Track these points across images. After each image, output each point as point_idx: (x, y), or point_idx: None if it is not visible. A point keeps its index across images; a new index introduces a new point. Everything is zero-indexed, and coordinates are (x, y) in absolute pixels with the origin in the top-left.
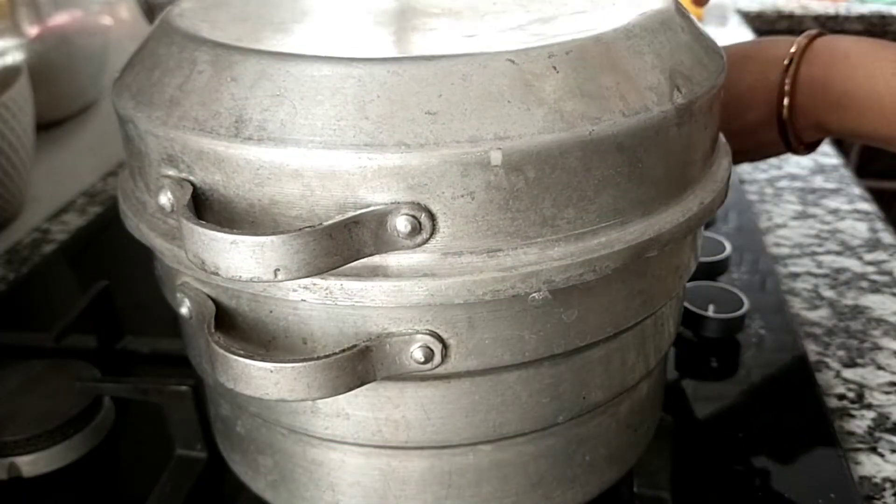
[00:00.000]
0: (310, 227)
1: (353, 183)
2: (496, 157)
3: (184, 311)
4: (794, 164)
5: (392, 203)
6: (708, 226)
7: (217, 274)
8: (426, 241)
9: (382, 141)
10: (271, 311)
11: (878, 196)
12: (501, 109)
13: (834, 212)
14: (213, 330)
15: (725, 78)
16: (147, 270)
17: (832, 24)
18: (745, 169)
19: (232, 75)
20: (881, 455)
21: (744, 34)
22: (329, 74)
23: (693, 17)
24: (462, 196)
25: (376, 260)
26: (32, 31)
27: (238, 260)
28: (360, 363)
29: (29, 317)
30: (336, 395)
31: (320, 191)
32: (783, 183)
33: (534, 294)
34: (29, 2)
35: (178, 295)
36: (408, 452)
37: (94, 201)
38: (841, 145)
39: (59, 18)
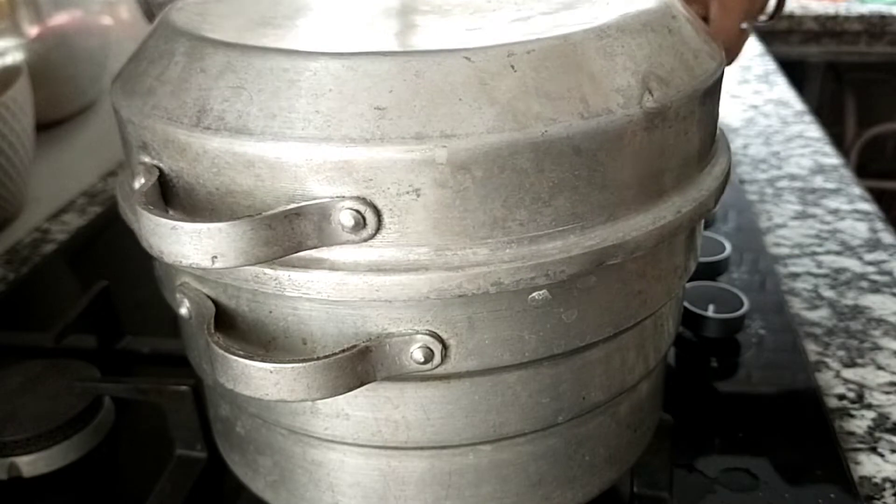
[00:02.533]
0: (249, 216)
1: (300, 175)
2: (441, 155)
3: (183, 311)
4: (794, 164)
5: (337, 197)
6: (708, 226)
7: (162, 258)
8: (372, 237)
9: (330, 135)
10: (271, 312)
11: (878, 196)
12: (452, 107)
13: (834, 212)
14: (212, 330)
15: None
16: (147, 271)
17: (832, 24)
18: (744, 169)
19: (202, 66)
20: (881, 455)
21: None
22: (287, 68)
23: (693, 15)
24: (407, 193)
25: (324, 253)
26: (32, 31)
27: (178, 245)
28: (359, 363)
29: (29, 317)
30: (336, 395)
31: (270, 182)
32: (783, 183)
33: (534, 294)
34: (29, 2)
35: (178, 295)
36: (407, 453)
37: (94, 201)
38: (841, 146)
39: (59, 18)
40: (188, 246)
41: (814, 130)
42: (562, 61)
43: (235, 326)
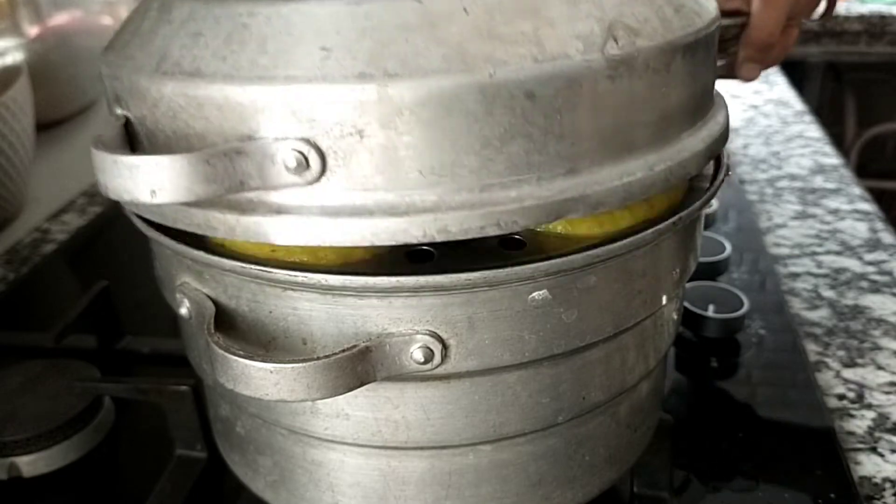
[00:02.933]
0: (189, 153)
1: (246, 116)
2: (384, 95)
3: (183, 311)
4: (794, 164)
5: (280, 137)
6: (708, 226)
7: (108, 193)
8: (316, 179)
9: (275, 75)
10: (271, 312)
11: (877, 196)
12: (398, 48)
13: (834, 212)
14: (212, 330)
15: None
16: (147, 271)
17: (832, 24)
18: (744, 169)
19: (169, 18)
20: (881, 455)
21: None
22: (241, 13)
23: None
24: (351, 134)
25: (272, 196)
26: (32, 31)
27: (119, 179)
28: (359, 363)
29: (29, 317)
30: (336, 395)
31: (219, 123)
32: (783, 183)
33: (533, 294)
34: (29, 2)
35: (178, 295)
36: (407, 453)
37: (94, 201)
38: (841, 146)
39: (59, 18)
40: (129, 180)
41: (814, 130)
42: (519, 5)
43: (235, 326)
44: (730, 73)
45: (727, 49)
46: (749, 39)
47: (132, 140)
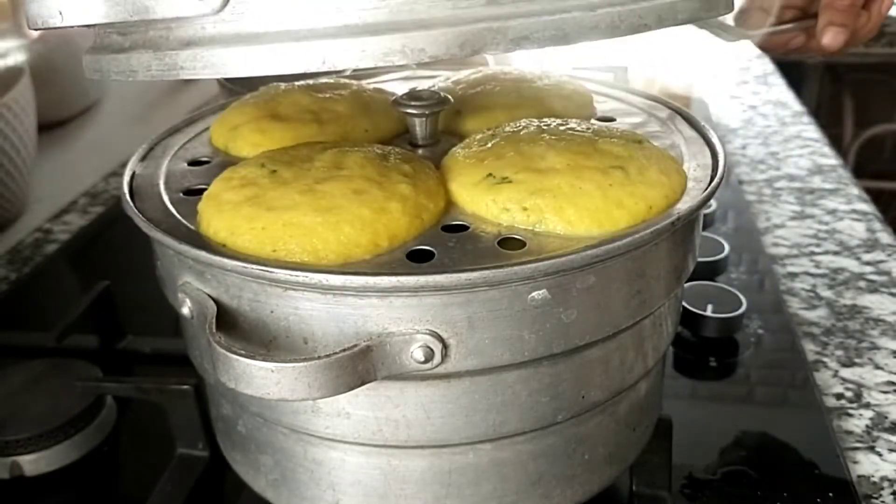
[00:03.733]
0: None
1: None
2: None
3: (185, 311)
4: (793, 164)
5: None
6: (706, 226)
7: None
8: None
9: None
10: (272, 312)
11: (875, 196)
12: None
13: (832, 212)
14: (214, 330)
15: None
16: (148, 270)
17: None
18: (743, 170)
19: None
20: (879, 454)
21: None
22: None
23: None
24: None
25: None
26: (34, 32)
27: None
28: (360, 363)
29: (31, 316)
30: (337, 394)
31: None
32: (781, 183)
33: (533, 294)
34: None
35: (180, 295)
36: (408, 451)
37: (95, 201)
38: (839, 146)
39: None
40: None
41: (812, 131)
42: None
43: (237, 326)
44: (806, 46)
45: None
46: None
47: None
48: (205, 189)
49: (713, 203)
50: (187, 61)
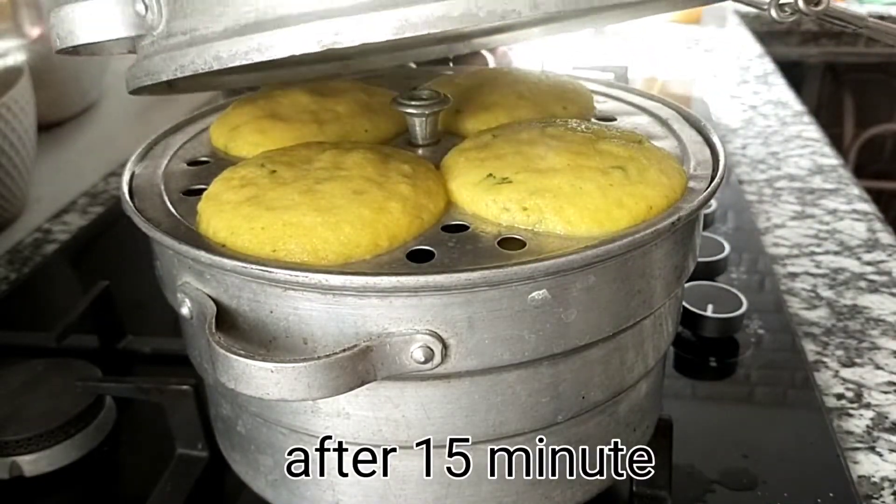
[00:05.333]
0: None
1: None
2: None
3: (185, 311)
4: (793, 164)
5: None
6: (706, 226)
7: None
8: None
9: None
10: (272, 312)
11: (876, 196)
12: None
13: (832, 212)
14: (213, 330)
15: None
16: (148, 270)
17: (831, 25)
18: (743, 170)
19: None
20: (879, 454)
21: (742, 35)
22: None
23: None
24: None
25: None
26: (34, 31)
27: None
28: (360, 363)
29: (30, 317)
30: (336, 394)
31: None
32: (782, 183)
33: (533, 294)
34: (30, 3)
35: (179, 295)
36: (408, 451)
37: (95, 201)
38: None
39: None
40: None
41: (812, 131)
42: None
43: (236, 326)
44: None
45: None
46: None
47: None
48: (204, 189)
49: (713, 203)
50: (228, 49)
